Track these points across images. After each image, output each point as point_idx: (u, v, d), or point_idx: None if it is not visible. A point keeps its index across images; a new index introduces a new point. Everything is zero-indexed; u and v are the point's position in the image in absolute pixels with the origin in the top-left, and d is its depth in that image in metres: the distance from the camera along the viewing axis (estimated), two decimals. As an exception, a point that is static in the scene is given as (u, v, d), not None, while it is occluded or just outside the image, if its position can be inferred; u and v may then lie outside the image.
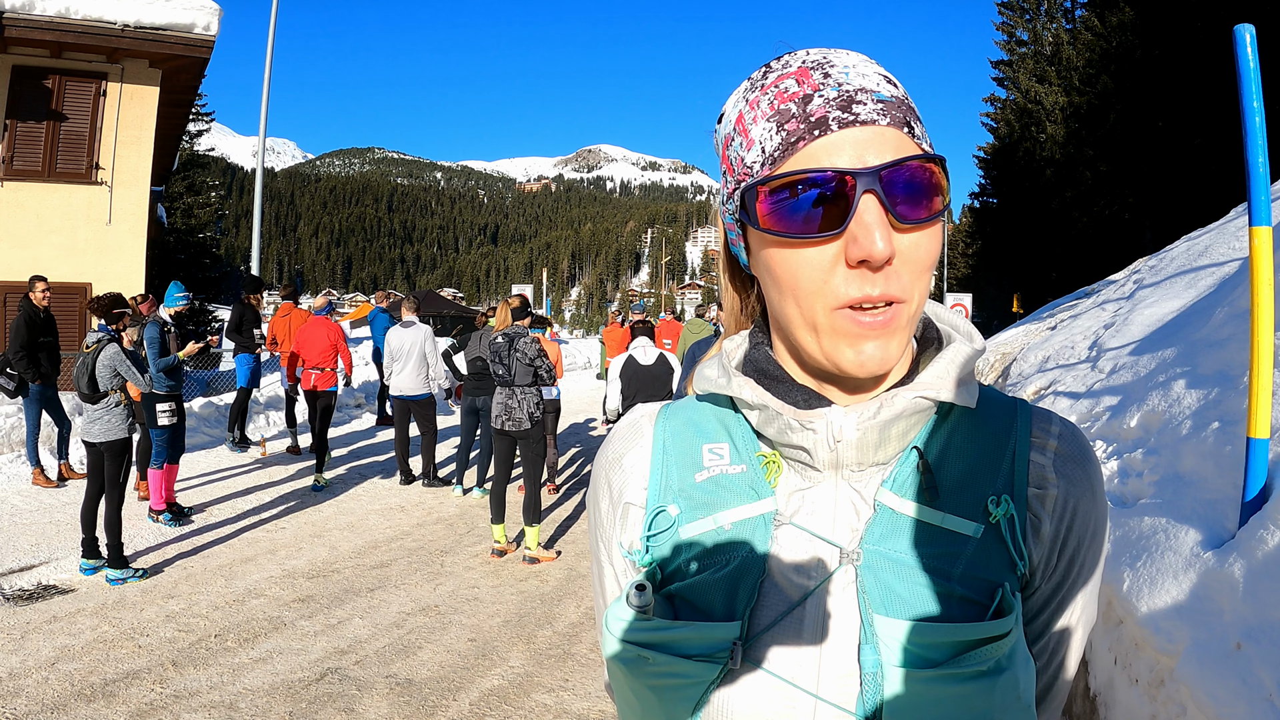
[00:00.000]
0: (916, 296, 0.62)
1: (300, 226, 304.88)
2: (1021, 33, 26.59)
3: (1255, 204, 2.32)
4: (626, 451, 0.79)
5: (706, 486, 0.72)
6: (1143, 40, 18.17)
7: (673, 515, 0.72)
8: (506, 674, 4.11)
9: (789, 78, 0.65)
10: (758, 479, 0.71)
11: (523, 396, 5.94)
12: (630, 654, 0.66)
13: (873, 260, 0.59)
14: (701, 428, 0.76)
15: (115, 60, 11.99)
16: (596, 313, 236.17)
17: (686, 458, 0.75)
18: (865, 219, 0.59)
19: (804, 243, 0.62)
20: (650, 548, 0.72)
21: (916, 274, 0.62)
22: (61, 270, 10.81)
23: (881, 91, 0.62)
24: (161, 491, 6.51)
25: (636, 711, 0.69)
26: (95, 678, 3.88)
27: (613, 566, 0.78)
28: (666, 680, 0.65)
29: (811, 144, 0.62)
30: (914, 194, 0.61)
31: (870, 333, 0.61)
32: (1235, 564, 2.18)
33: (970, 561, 0.64)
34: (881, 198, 0.60)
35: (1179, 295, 5.56)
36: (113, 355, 5.45)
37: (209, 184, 32.82)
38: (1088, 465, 0.69)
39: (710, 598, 0.67)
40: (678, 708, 0.65)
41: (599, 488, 0.81)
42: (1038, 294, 24.54)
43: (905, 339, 0.63)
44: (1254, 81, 2.26)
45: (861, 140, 0.61)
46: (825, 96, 0.62)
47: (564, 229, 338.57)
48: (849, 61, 0.64)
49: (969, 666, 0.59)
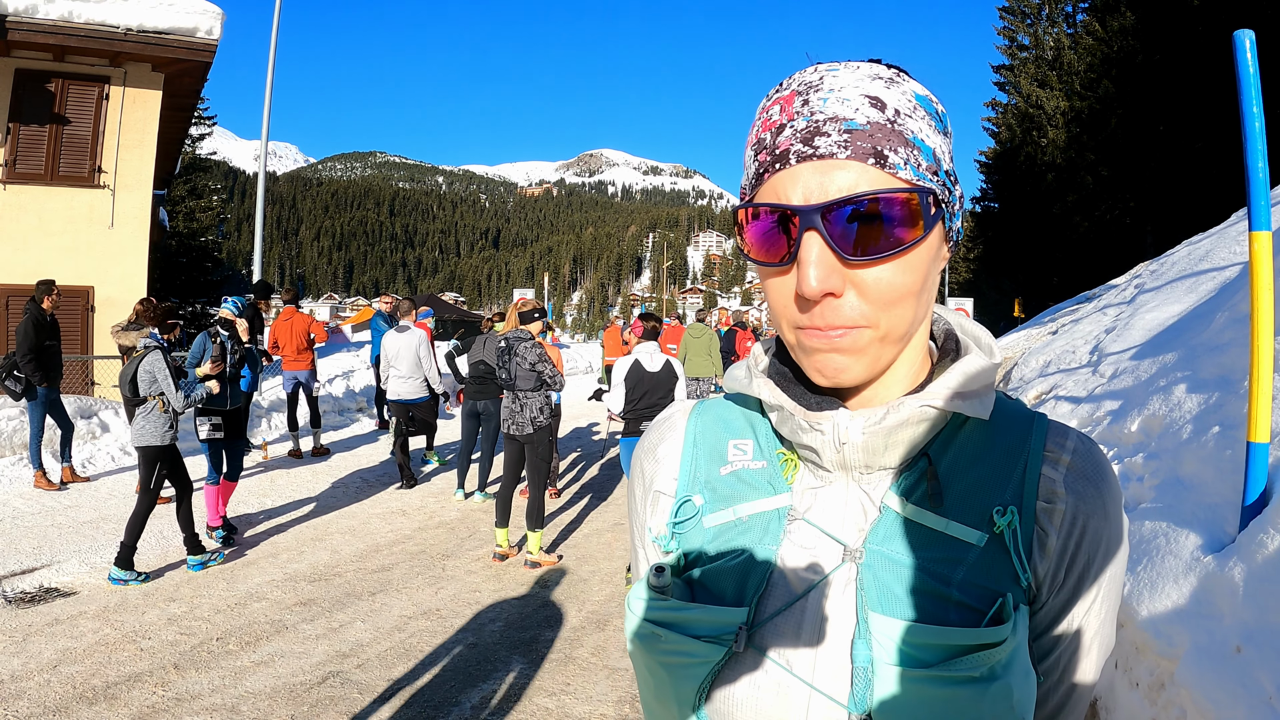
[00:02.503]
0: (886, 322, 0.63)
1: (302, 230, 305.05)
2: (1023, 37, 26.57)
3: (1255, 209, 2.33)
4: (660, 442, 0.83)
5: (729, 480, 0.76)
6: (1144, 45, 18.19)
7: (697, 505, 0.76)
8: (508, 678, 4.11)
9: (777, 104, 0.66)
10: (776, 475, 0.74)
11: (526, 401, 5.95)
12: (646, 631, 0.70)
13: (806, 297, 0.61)
14: (730, 424, 0.81)
15: (118, 64, 12.04)
16: (598, 317, 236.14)
17: (714, 452, 0.79)
18: (802, 256, 0.62)
19: (770, 270, 0.66)
20: (675, 534, 0.76)
21: (883, 304, 0.62)
22: (63, 273, 10.81)
23: (856, 120, 0.62)
24: (217, 507, 6.30)
25: (651, 687, 0.73)
26: (97, 680, 3.89)
27: (644, 550, 0.82)
28: (676, 658, 0.68)
29: (774, 177, 0.64)
30: (870, 227, 0.61)
31: (825, 349, 0.64)
32: (1235, 568, 2.18)
33: (971, 569, 0.65)
34: (824, 235, 0.61)
35: (1180, 300, 5.57)
36: (154, 362, 5.52)
37: (211, 188, 32.91)
38: (1101, 483, 0.69)
39: (724, 584, 0.71)
40: (686, 684, 0.68)
41: (635, 476, 0.86)
42: (1039, 298, 24.53)
43: (876, 358, 0.65)
44: (1254, 87, 2.27)
45: (815, 175, 0.62)
46: (794, 128, 0.63)
47: (565, 233, 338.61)
48: (840, 83, 0.64)
49: (960, 671, 0.60)
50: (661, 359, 5.66)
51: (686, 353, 11.43)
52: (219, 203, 32.75)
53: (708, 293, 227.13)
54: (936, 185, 0.64)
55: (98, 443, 9.22)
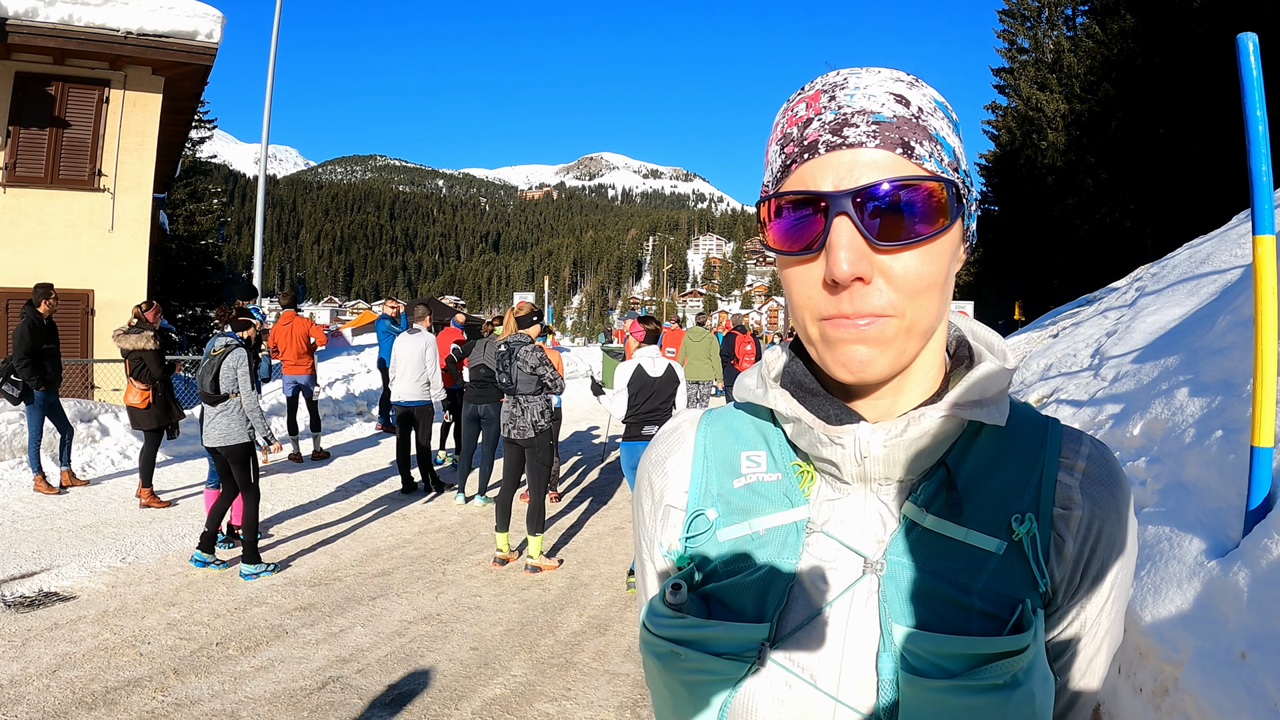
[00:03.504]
0: (912, 313, 0.63)
1: (302, 233, 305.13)
2: (1022, 40, 26.61)
3: (1259, 212, 2.32)
4: (669, 455, 0.82)
5: (743, 493, 0.75)
6: (1144, 47, 18.20)
7: (711, 519, 0.75)
8: (508, 683, 4.10)
9: (803, 102, 0.67)
10: (792, 488, 0.73)
11: (527, 405, 5.94)
12: (664, 649, 0.69)
13: (838, 281, 0.61)
14: (741, 435, 0.79)
15: (118, 67, 12.06)
16: (598, 320, 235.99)
17: (726, 464, 0.78)
18: (833, 240, 0.62)
19: (795, 260, 0.66)
20: (688, 549, 0.75)
21: (910, 293, 0.63)
22: (63, 277, 10.82)
23: (882, 113, 0.63)
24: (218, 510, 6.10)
25: (668, 703, 0.72)
26: (96, 685, 3.87)
27: (654, 564, 0.81)
28: (697, 676, 0.68)
29: (802, 167, 0.65)
30: (897, 215, 0.62)
31: (852, 339, 0.63)
32: (1239, 573, 2.17)
33: (991, 577, 0.65)
34: (854, 219, 0.61)
35: (1181, 303, 5.56)
36: (239, 359, 5.66)
37: (211, 191, 32.91)
38: (1115, 488, 0.70)
39: (742, 599, 0.70)
40: (706, 702, 0.68)
41: (642, 489, 0.84)
42: (1040, 301, 24.53)
43: (901, 351, 0.65)
44: (1257, 90, 2.27)
45: (845, 163, 0.63)
46: (822, 120, 0.64)
47: (566, 236, 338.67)
48: (864, 82, 0.65)
49: (984, 679, 0.60)
50: (664, 363, 5.66)
51: (686, 356, 11.42)
52: (219, 206, 32.79)
53: (708, 296, 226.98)
54: (958, 181, 0.65)
55: (97, 446, 9.22)
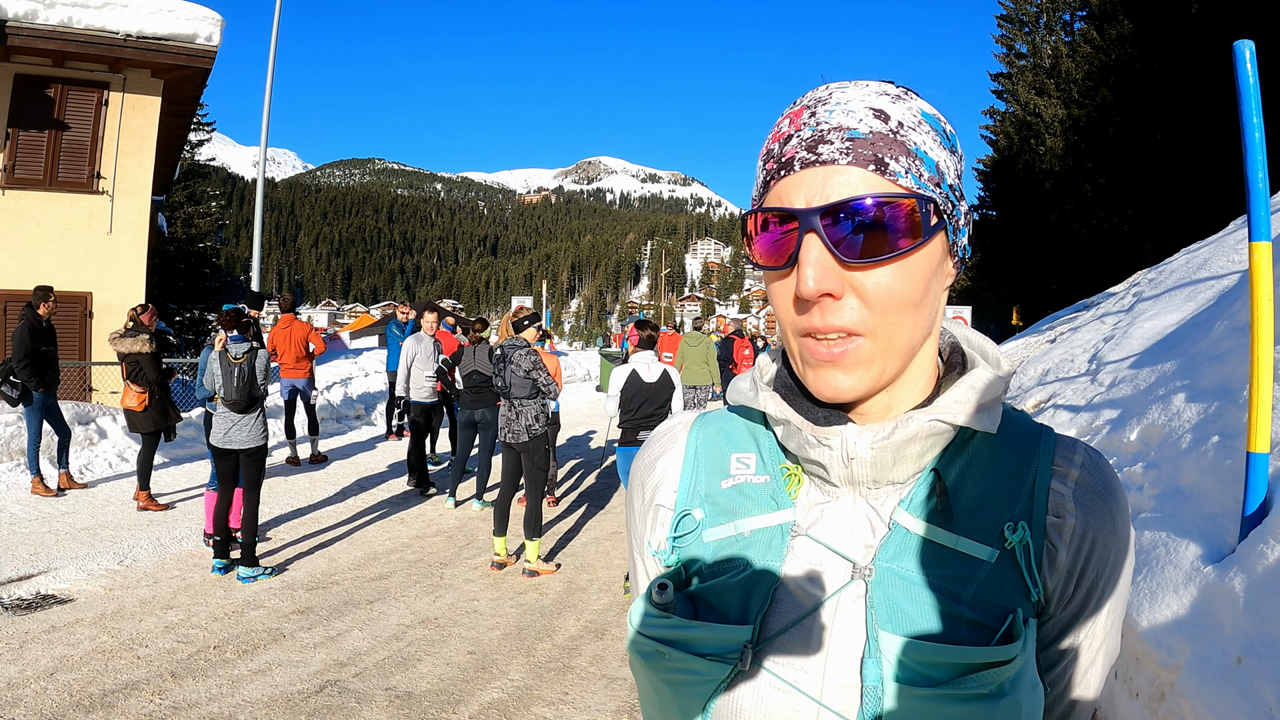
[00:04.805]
0: (885, 330, 0.64)
1: (300, 237, 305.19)
2: (1020, 45, 26.70)
3: (1255, 219, 2.33)
4: (661, 455, 0.82)
5: (730, 494, 0.75)
6: (1142, 53, 18.26)
7: (697, 519, 0.75)
8: (506, 687, 4.09)
9: (787, 118, 0.68)
10: (779, 490, 0.73)
11: (522, 409, 5.95)
12: (649, 648, 0.69)
13: (804, 297, 0.63)
14: (733, 437, 0.80)
15: (117, 70, 12.05)
16: (596, 324, 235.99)
17: (715, 465, 0.78)
18: (802, 257, 0.63)
19: (776, 275, 0.67)
20: (675, 549, 0.75)
21: (882, 309, 0.63)
22: (62, 279, 10.81)
23: (859, 129, 0.63)
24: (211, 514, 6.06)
25: (654, 702, 0.72)
26: (94, 688, 3.87)
27: (644, 564, 0.81)
28: (681, 675, 0.68)
29: (779, 183, 0.66)
30: (868, 232, 0.62)
31: (826, 364, 0.65)
32: (1236, 578, 2.18)
33: (982, 585, 0.65)
34: (823, 237, 0.62)
35: (1178, 308, 5.58)
36: (265, 359, 5.75)
37: (210, 194, 32.93)
38: (1109, 498, 0.69)
39: (727, 600, 0.70)
40: (691, 702, 0.68)
41: (634, 489, 0.85)
42: (1037, 306, 24.59)
43: (881, 371, 0.65)
44: (1254, 97, 2.28)
45: (818, 180, 0.63)
46: (800, 137, 0.65)
47: (564, 240, 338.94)
48: (847, 98, 0.66)
49: (970, 689, 0.60)
50: (659, 369, 5.64)
51: (683, 361, 11.41)
52: (217, 209, 32.74)
53: (706, 300, 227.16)
54: (938, 196, 0.64)
55: (95, 449, 9.20)
